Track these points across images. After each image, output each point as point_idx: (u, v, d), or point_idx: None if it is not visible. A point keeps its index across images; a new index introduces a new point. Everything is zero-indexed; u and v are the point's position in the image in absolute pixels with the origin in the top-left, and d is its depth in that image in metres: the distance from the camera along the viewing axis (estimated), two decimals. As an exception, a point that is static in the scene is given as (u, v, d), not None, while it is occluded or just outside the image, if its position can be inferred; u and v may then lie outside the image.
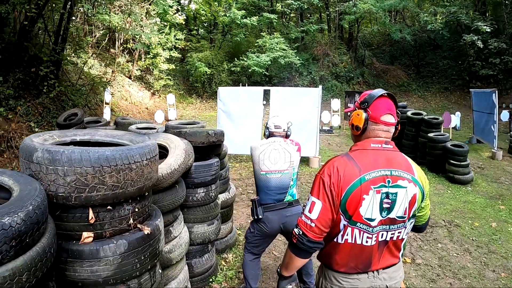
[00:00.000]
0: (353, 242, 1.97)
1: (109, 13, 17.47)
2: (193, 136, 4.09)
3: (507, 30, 22.24)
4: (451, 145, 9.23)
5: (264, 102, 11.90)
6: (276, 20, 24.97)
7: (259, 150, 3.70)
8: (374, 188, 1.91)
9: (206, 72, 23.69)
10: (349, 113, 2.29)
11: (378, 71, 27.33)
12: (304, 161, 10.51)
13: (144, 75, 23.15)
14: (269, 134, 3.89)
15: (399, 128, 2.14)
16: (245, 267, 3.79)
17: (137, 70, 22.57)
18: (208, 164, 4.08)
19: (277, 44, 23.27)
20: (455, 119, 16.36)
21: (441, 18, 23.29)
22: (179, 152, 3.38)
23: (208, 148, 4.30)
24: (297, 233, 2.00)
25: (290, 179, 3.65)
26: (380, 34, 30.80)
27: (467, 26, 22.05)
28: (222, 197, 4.90)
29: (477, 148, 12.84)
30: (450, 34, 24.25)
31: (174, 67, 23.55)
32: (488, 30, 20.49)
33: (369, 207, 1.92)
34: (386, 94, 2.08)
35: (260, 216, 3.56)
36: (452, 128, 14.86)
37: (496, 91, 11.70)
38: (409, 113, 11.16)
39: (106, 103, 15.71)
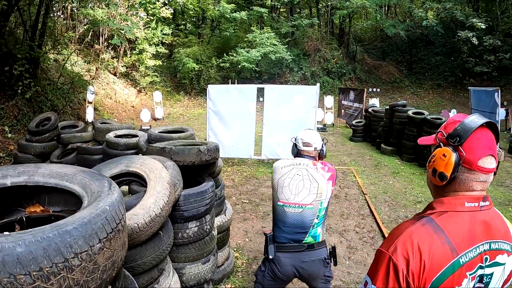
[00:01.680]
0: None
1: (93, 7, 16.65)
2: (180, 155, 3.34)
3: (501, 27, 21.94)
4: (456, 147, 8.69)
5: (261, 99, 11.25)
6: (266, 15, 24.24)
7: (280, 173, 2.87)
8: (470, 275, 1.32)
9: (194, 68, 22.95)
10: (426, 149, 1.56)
11: (370, 67, 26.95)
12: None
13: (130, 71, 22.48)
14: (297, 153, 3.01)
15: (496, 172, 1.44)
16: None
17: (122, 66, 21.85)
18: (201, 192, 3.29)
19: (268, 39, 22.63)
20: (452, 117, 15.93)
21: (435, 14, 22.84)
22: (161, 189, 2.55)
23: (200, 168, 3.58)
24: None
25: (315, 217, 2.77)
26: (372, 29, 30.49)
27: (461, 22, 21.69)
28: (217, 221, 4.19)
29: (478, 148, 12.31)
30: (444, 30, 23.85)
31: (161, 63, 22.91)
32: (483, 26, 20.17)
33: None
34: (485, 124, 1.39)
35: (271, 256, 2.80)
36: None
37: (499, 90, 11.22)
38: (410, 113, 10.57)
39: (89, 103, 15.04)
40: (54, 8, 16.81)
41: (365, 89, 17.53)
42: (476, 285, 1.35)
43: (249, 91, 9.81)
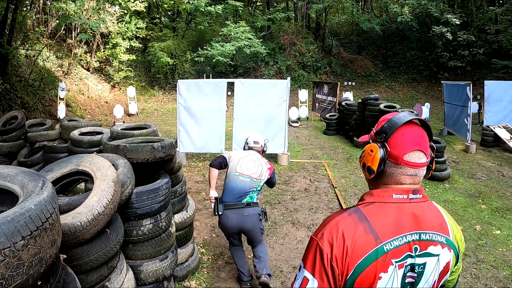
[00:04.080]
0: None
1: (66, 0, 16.21)
2: (134, 152, 3.29)
3: (475, 23, 22.31)
4: (427, 140, 8.73)
5: (229, 93, 11.13)
6: (242, 8, 24.03)
7: (240, 155, 4.19)
8: (396, 262, 1.34)
9: (168, 62, 22.67)
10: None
11: (346, 60, 27.06)
12: (272, 157, 9.84)
13: (103, 66, 22.12)
14: (248, 148, 4.37)
15: (433, 168, 1.53)
16: (233, 256, 4.28)
17: (96, 61, 21.45)
18: (155, 189, 3.24)
19: (243, 33, 22.43)
20: (425, 111, 16.11)
21: (411, 10, 23.05)
22: (105, 187, 2.50)
23: (155, 165, 3.52)
24: None
25: (255, 188, 4.05)
26: (348, 24, 30.63)
27: (436, 18, 21.94)
28: (178, 218, 4.11)
29: (449, 140, 12.48)
30: (419, 25, 24.09)
31: (135, 58, 22.53)
32: (458, 22, 20.48)
33: (387, 286, 1.35)
34: (414, 120, 1.46)
35: (220, 213, 3.96)
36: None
37: (471, 84, 11.30)
38: (381, 106, 10.61)
39: (61, 99, 14.67)
40: (27, 2, 16.41)
41: (339, 82, 17.54)
42: (407, 274, 1.38)
43: (219, 85, 9.67)
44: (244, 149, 4.42)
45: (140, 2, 21.37)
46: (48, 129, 7.43)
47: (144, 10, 23.15)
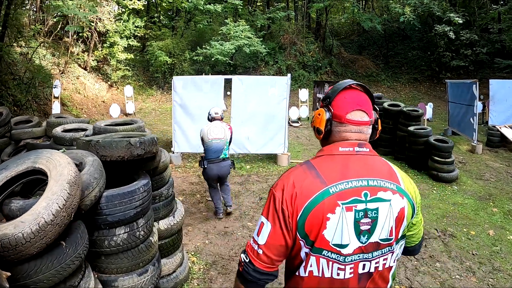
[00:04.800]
0: (320, 275, 1.52)
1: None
2: (107, 149, 2.82)
3: (478, 22, 21.88)
4: (434, 140, 8.29)
5: (228, 93, 10.74)
6: (241, 7, 23.61)
7: (207, 127, 5.82)
8: (343, 204, 1.46)
9: (166, 61, 22.22)
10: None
11: (346, 60, 26.65)
12: (271, 158, 9.42)
13: (101, 65, 21.73)
14: (211, 119, 5.97)
15: (379, 128, 1.71)
16: (211, 195, 6.06)
17: (93, 60, 21.12)
18: (129, 192, 2.75)
19: (242, 32, 22.00)
20: (429, 110, 15.70)
21: (413, 9, 22.64)
22: (57, 189, 2.03)
23: (133, 163, 3.04)
24: (243, 260, 1.58)
25: (224, 145, 5.77)
26: (348, 24, 30.28)
27: (439, 17, 21.54)
28: (163, 224, 3.66)
29: (454, 141, 11.89)
30: (421, 25, 23.69)
31: (133, 57, 22.15)
32: (461, 21, 20.03)
33: (338, 229, 1.45)
34: (355, 85, 1.63)
35: (205, 166, 5.69)
36: (426, 119, 14.19)
37: (477, 82, 10.86)
38: (385, 105, 10.18)
39: (55, 98, 14.43)
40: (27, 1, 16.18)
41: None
42: (361, 221, 1.47)
43: (216, 82, 9.25)
44: (208, 119, 6.03)
45: (138, 0, 21.06)
46: (34, 126, 7.13)
47: (143, 8, 22.78)
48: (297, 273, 1.57)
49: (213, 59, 21.45)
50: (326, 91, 1.68)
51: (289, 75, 9.49)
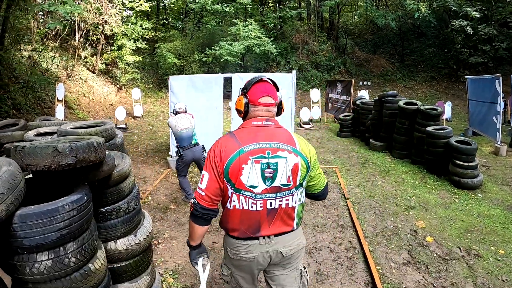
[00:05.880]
0: (240, 208, 2.18)
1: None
2: (32, 157, 2.25)
3: (496, 16, 20.85)
4: (456, 141, 7.46)
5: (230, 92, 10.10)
6: (250, 6, 22.99)
7: (174, 120, 6.35)
8: (253, 158, 2.11)
9: (175, 63, 21.78)
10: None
11: (361, 60, 25.90)
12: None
13: (110, 68, 21.58)
14: (176, 113, 6.46)
15: (283, 108, 2.37)
16: (182, 184, 6.53)
17: (102, 63, 20.98)
18: (48, 211, 2.14)
19: (252, 31, 21.39)
20: (447, 110, 14.82)
21: (427, 4, 21.71)
22: None
23: (65, 174, 2.44)
24: (193, 203, 2.23)
25: (192, 132, 6.39)
26: (362, 22, 29.50)
27: (455, 12, 20.61)
28: (122, 244, 3.04)
29: (476, 142, 11.13)
30: (436, 21, 22.75)
31: (141, 60, 21.87)
32: (478, 15, 19.09)
33: (250, 175, 2.11)
34: (264, 79, 2.28)
35: (182, 153, 6.27)
36: (445, 119, 13.35)
37: (500, 78, 9.96)
38: (401, 103, 9.38)
39: (59, 101, 14.12)
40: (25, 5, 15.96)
41: (353, 80, 16.28)
42: (265, 169, 2.13)
43: (215, 81, 8.57)
44: (174, 114, 6.50)
45: (144, 2, 20.68)
46: (21, 128, 6.66)
47: (149, 10, 22.43)
48: (226, 207, 2.24)
49: (222, 60, 20.93)
50: (244, 84, 2.32)
51: (294, 72, 8.75)
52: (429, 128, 8.07)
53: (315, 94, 16.68)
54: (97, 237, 2.66)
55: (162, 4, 26.76)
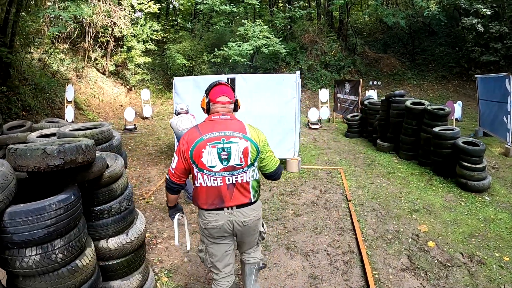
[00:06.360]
0: (205, 184, 2.72)
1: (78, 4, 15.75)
2: (23, 158, 2.45)
3: (507, 13, 20.50)
4: (463, 142, 7.31)
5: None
6: (258, 6, 22.91)
7: (176, 120, 6.48)
8: (210, 144, 2.68)
9: (184, 64, 21.84)
10: None
11: (371, 59, 25.67)
12: (281, 163, 8.63)
13: (120, 70, 21.82)
14: (178, 113, 6.62)
15: (239, 105, 2.97)
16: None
17: (112, 65, 21.24)
18: (35, 210, 2.35)
19: (260, 32, 21.33)
20: (458, 109, 14.59)
21: (437, 2, 21.45)
22: None
23: (57, 175, 2.63)
24: (166, 178, 2.90)
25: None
26: (372, 21, 29.27)
27: (465, 9, 20.33)
28: (113, 243, 3.17)
29: (486, 142, 10.85)
30: (447, 19, 22.46)
31: (151, 61, 22.11)
32: (489, 13, 18.81)
33: (209, 157, 2.67)
34: (222, 83, 2.86)
35: None
36: (454, 119, 13.16)
37: (510, 76, 9.76)
38: (408, 103, 9.26)
39: (68, 102, 14.27)
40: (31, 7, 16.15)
41: (361, 79, 16.13)
42: (221, 153, 2.68)
43: (219, 82, 8.53)
44: (176, 114, 6.67)
45: (153, 4, 20.81)
46: (27, 130, 6.80)
47: (158, 11, 22.56)
48: (195, 184, 2.77)
49: (230, 60, 20.90)
50: (207, 87, 2.89)
51: (297, 72, 8.69)
52: (436, 129, 7.94)
53: (324, 94, 16.58)
54: (86, 235, 2.83)
55: (172, 6, 26.92)
